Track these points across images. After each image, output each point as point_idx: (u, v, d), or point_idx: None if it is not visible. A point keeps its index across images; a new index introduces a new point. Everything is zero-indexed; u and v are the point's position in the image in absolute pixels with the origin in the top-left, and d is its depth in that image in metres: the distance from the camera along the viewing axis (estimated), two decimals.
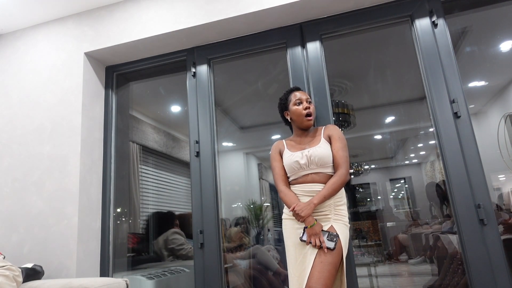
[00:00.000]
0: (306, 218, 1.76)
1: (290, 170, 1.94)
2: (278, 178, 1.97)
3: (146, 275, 2.67)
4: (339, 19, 2.48)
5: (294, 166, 1.91)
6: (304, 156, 1.89)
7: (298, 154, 1.92)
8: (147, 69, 2.96)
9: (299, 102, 2.00)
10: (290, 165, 1.92)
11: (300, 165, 1.90)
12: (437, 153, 2.17)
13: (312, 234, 1.75)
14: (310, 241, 1.74)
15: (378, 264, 4.53)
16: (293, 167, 1.92)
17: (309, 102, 2.01)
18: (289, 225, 1.90)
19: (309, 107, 1.98)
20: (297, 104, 2.00)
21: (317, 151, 1.89)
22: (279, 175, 1.97)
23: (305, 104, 1.99)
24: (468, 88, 3.58)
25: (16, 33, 3.01)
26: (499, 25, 3.02)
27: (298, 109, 1.99)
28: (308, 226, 1.76)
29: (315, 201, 1.79)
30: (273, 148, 2.07)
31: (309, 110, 1.98)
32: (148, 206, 3.87)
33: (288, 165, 1.94)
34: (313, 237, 1.74)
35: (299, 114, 1.98)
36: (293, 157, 1.92)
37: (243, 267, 3.38)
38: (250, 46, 2.64)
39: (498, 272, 1.89)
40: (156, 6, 2.68)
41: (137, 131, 3.78)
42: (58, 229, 2.46)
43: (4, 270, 1.85)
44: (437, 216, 4.34)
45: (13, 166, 2.68)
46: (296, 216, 1.80)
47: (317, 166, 1.88)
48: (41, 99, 2.76)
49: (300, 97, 2.01)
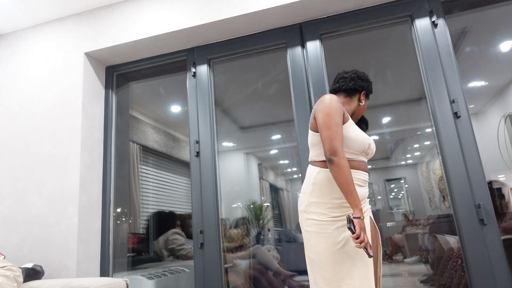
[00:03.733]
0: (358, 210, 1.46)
1: (358, 148, 1.59)
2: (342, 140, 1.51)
3: (146, 275, 2.67)
4: (339, 19, 2.48)
5: (364, 146, 1.60)
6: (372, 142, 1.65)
7: (366, 135, 1.65)
8: (147, 69, 2.97)
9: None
10: (362, 143, 1.59)
11: (369, 148, 1.63)
12: (437, 152, 2.17)
13: (362, 228, 1.42)
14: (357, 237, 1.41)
15: None
16: (363, 147, 1.60)
17: None
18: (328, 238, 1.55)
19: None
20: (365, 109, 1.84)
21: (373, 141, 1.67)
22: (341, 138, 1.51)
23: None
24: (468, 88, 3.58)
25: (16, 33, 3.01)
26: (499, 25, 3.01)
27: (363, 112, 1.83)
28: (361, 217, 1.44)
29: None
30: (337, 102, 1.58)
31: None
32: (148, 206, 3.87)
33: (359, 142, 1.59)
34: (363, 232, 1.42)
35: (362, 114, 1.83)
36: (366, 137, 1.62)
37: (243, 267, 3.38)
38: (250, 46, 2.64)
39: (498, 272, 1.89)
40: (156, 6, 2.68)
41: (137, 131, 3.78)
42: (58, 229, 2.46)
43: (4, 270, 1.86)
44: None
45: (13, 166, 2.68)
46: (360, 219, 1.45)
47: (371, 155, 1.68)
48: (41, 99, 2.76)
49: None
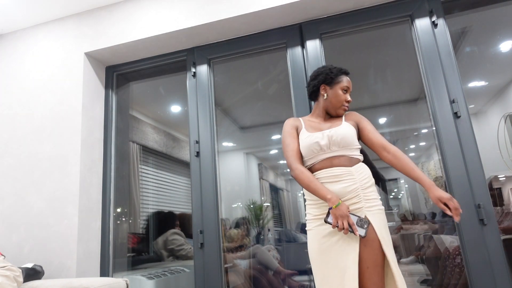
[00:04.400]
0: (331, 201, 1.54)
1: (308, 153, 1.72)
2: (293, 155, 1.71)
3: (146, 275, 2.67)
4: (339, 19, 2.48)
5: (313, 148, 1.70)
6: (325, 136, 1.70)
7: (318, 134, 1.72)
8: (147, 69, 2.97)
9: (346, 90, 1.83)
10: (309, 146, 1.71)
11: (320, 147, 1.69)
12: (437, 152, 2.17)
13: (339, 215, 1.50)
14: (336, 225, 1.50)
15: None
16: (311, 149, 1.70)
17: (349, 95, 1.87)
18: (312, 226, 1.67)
19: (350, 101, 1.84)
20: (344, 90, 1.82)
21: (339, 130, 1.70)
22: (294, 152, 1.72)
23: (348, 96, 1.84)
24: (468, 88, 3.58)
25: (16, 33, 3.01)
26: (499, 25, 3.01)
27: (343, 96, 1.81)
28: (333, 206, 1.51)
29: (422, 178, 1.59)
30: (288, 122, 1.85)
31: (348, 104, 1.84)
32: (148, 206, 3.87)
33: (306, 147, 1.72)
34: (340, 219, 1.49)
35: (340, 101, 1.81)
36: (312, 138, 1.72)
37: (243, 267, 3.38)
38: (250, 46, 2.64)
39: (498, 272, 1.89)
40: (156, 6, 2.68)
41: (137, 131, 3.78)
42: (58, 229, 2.46)
43: (4, 270, 1.86)
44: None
45: (13, 166, 2.68)
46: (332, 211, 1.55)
47: (339, 147, 1.68)
48: (41, 99, 2.76)
49: (349, 86, 1.85)
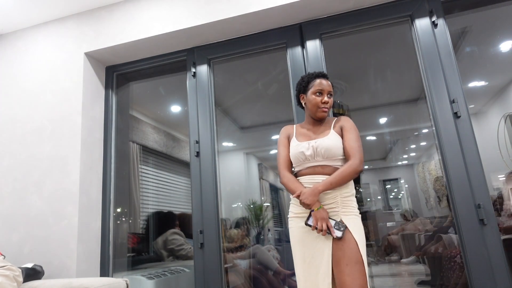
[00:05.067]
0: (312, 205, 1.69)
1: (295, 161, 1.86)
2: (283, 163, 1.89)
3: (146, 275, 2.67)
4: (339, 19, 2.48)
5: (299, 157, 1.84)
6: (311, 147, 1.81)
7: (305, 144, 1.84)
8: (147, 69, 2.97)
9: (320, 92, 1.86)
10: (295, 155, 1.85)
11: (305, 156, 1.81)
12: (437, 152, 2.17)
13: (319, 217, 1.67)
14: (316, 227, 1.66)
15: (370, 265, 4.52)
16: (298, 158, 1.84)
17: (329, 95, 1.88)
18: (293, 224, 1.82)
19: (327, 102, 1.86)
20: (317, 94, 1.86)
21: (325, 142, 1.80)
22: (284, 161, 1.89)
23: (324, 97, 1.86)
24: (468, 88, 3.58)
25: (16, 33, 3.01)
26: (499, 25, 3.01)
27: (316, 99, 1.86)
28: (315, 209, 1.68)
29: (320, 187, 1.70)
30: (282, 131, 1.99)
31: (326, 105, 1.86)
32: (148, 206, 3.87)
33: (293, 155, 1.87)
34: (320, 221, 1.66)
35: (315, 104, 1.86)
36: (299, 147, 1.85)
37: (243, 267, 3.38)
38: (250, 46, 2.64)
39: (498, 272, 1.89)
40: (156, 6, 2.68)
41: (137, 131, 3.78)
42: (58, 229, 2.46)
43: (4, 270, 1.86)
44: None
45: (13, 166, 2.68)
46: (302, 204, 1.72)
47: (323, 158, 1.80)
48: (41, 99, 2.76)
49: (323, 88, 1.86)
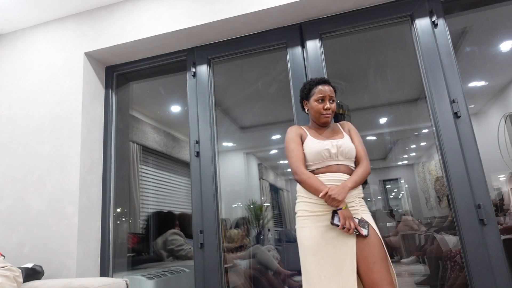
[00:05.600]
0: (341, 202, 1.67)
1: (317, 158, 1.83)
2: (298, 160, 1.84)
3: (146, 275, 2.67)
4: (339, 19, 2.48)
5: (323, 154, 1.82)
6: (335, 146, 1.83)
7: (328, 142, 1.84)
8: (147, 69, 2.96)
9: (322, 99, 1.90)
10: (319, 152, 1.82)
11: (330, 154, 1.82)
12: (437, 152, 2.17)
13: (346, 216, 1.66)
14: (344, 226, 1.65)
15: None
16: (321, 155, 1.82)
17: (331, 101, 1.92)
18: (309, 224, 1.77)
19: (329, 108, 1.90)
20: (319, 101, 1.90)
21: (346, 143, 1.85)
22: (299, 158, 1.85)
23: (326, 103, 1.90)
24: (468, 88, 3.58)
25: (16, 33, 3.01)
26: (499, 25, 3.01)
27: (318, 106, 1.90)
28: (343, 208, 1.67)
29: (349, 184, 1.73)
30: (291, 130, 1.96)
31: (328, 111, 1.90)
32: (148, 206, 3.87)
33: (315, 152, 1.84)
34: (348, 220, 1.65)
35: (318, 111, 1.91)
36: (323, 145, 1.84)
37: (243, 267, 3.38)
38: (250, 46, 2.64)
39: (498, 272, 1.89)
40: (156, 6, 2.68)
41: (137, 131, 3.78)
42: (58, 229, 2.46)
43: (4, 270, 1.86)
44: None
45: (13, 166, 2.68)
46: (330, 201, 1.68)
47: (344, 157, 1.83)
48: (41, 99, 2.76)
49: (324, 94, 1.90)
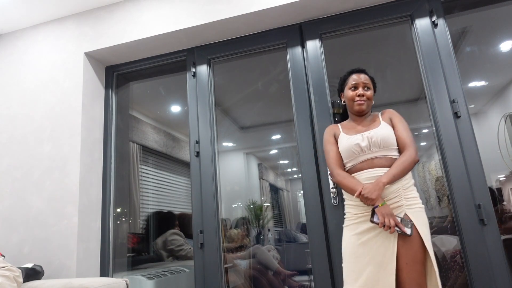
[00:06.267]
0: (376, 200, 1.60)
1: (349, 155, 1.78)
2: (334, 161, 1.82)
3: (146, 275, 2.67)
4: (339, 19, 2.48)
5: (354, 150, 1.76)
6: (365, 138, 1.75)
7: (358, 136, 1.78)
8: (147, 69, 2.97)
9: (355, 87, 1.88)
10: (350, 148, 1.77)
11: (361, 148, 1.74)
12: (437, 152, 2.17)
13: (385, 213, 1.56)
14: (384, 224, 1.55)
15: None
16: (352, 151, 1.76)
17: (366, 88, 1.88)
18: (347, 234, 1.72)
19: (363, 94, 1.86)
20: (352, 88, 1.88)
21: (379, 132, 1.76)
22: (334, 159, 1.83)
23: (359, 90, 1.86)
24: (468, 88, 3.58)
25: (16, 33, 3.01)
26: (499, 25, 3.01)
27: (351, 93, 1.88)
28: (379, 205, 1.58)
29: (384, 179, 1.63)
30: (327, 131, 1.95)
31: (362, 97, 1.86)
32: (148, 206, 3.87)
33: (346, 149, 1.79)
34: (387, 217, 1.55)
35: (351, 98, 1.88)
36: (352, 140, 1.78)
37: (243, 267, 3.38)
38: (250, 46, 2.64)
39: (498, 272, 1.89)
40: (156, 6, 2.68)
41: (137, 131, 3.78)
42: (58, 229, 2.46)
43: (4, 271, 1.86)
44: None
45: (13, 166, 2.68)
46: (364, 200, 1.63)
47: (379, 148, 1.74)
48: (41, 99, 2.76)
49: (357, 82, 1.88)
